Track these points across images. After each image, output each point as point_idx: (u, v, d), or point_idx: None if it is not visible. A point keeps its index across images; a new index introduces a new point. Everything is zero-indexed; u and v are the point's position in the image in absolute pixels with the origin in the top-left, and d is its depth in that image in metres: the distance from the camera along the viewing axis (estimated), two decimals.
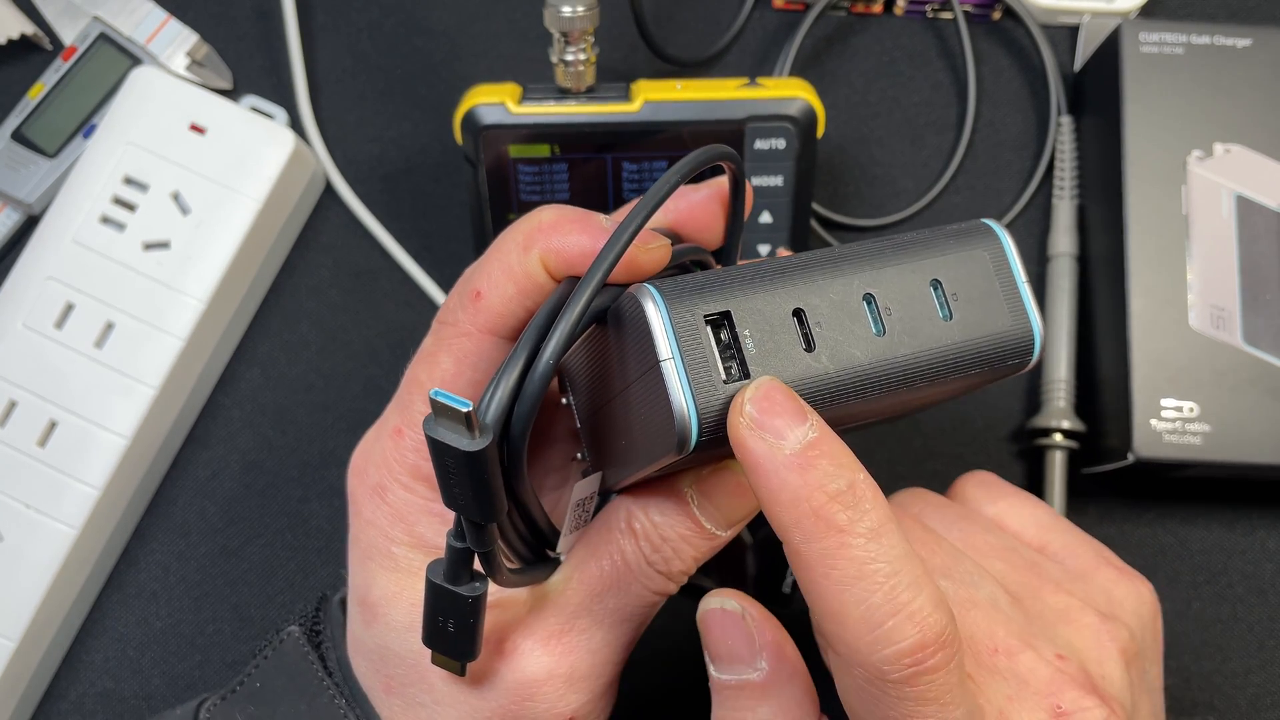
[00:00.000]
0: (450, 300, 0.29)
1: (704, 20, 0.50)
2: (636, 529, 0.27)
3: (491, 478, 0.23)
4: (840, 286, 0.24)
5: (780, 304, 0.24)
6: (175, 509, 0.45)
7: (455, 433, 0.22)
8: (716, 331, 0.23)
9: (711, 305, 0.23)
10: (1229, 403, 0.41)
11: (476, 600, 0.26)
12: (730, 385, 0.23)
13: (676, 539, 0.27)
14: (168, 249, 0.44)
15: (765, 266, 0.24)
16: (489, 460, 0.23)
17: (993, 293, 0.25)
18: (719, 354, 0.23)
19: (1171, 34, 0.44)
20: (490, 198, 0.43)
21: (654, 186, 0.26)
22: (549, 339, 0.24)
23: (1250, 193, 0.43)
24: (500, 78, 0.48)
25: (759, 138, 0.41)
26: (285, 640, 0.31)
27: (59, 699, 0.43)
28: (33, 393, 0.42)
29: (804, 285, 0.24)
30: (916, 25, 0.50)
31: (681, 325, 0.23)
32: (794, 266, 0.24)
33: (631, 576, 0.28)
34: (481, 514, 0.24)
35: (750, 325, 0.24)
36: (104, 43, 0.47)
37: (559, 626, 0.28)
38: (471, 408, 0.22)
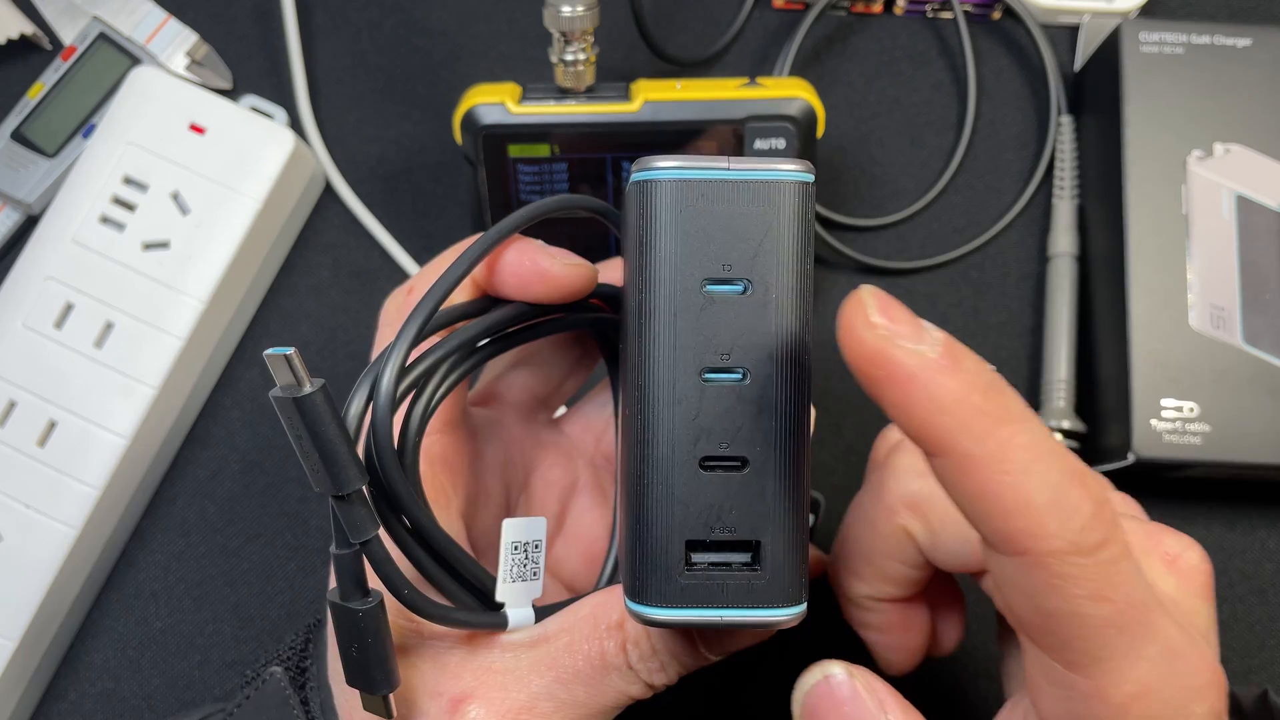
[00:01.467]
0: (386, 302, 0.31)
1: (704, 20, 0.50)
2: (628, 630, 0.26)
3: (329, 429, 0.22)
4: (686, 401, 0.23)
5: (690, 481, 0.22)
6: (175, 509, 0.45)
7: (289, 388, 0.22)
8: (701, 556, 0.23)
9: (672, 559, 0.23)
10: (1229, 403, 0.41)
11: (369, 613, 0.24)
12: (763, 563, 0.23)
13: (667, 654, 0.26)
14: (167, 249, 0.43)
15: (633, 473, 0.23)
16: (320, 406, 0.22)
17: (730, 218, 0.22)
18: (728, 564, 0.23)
19: (1171, 34, 0.44)
20: (490, 198, 0.43)
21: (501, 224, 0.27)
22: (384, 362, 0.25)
23: (1250, 192, 0.43)
24: (500, 78, 0.49)
25: (759, 138, 0.41)
26: (268, 682, 0.30)
27: (59, 699, 0.43)
28: (32, 393, 0.42)
29: (677, 440, 0.22)
30: (916, 25, 0.50)
31: (687, 597, 0.23)
32: (648, 441, 0.23)
33: (609, 676, 0.26)
34: (334, 477, 0.22)
35: (702, 519, 0.23)
36: (104, 42, 0.47)
37: (519, 702, 0.26)
38: (292, 351, 0.21)
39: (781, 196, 0.22)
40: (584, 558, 0.35)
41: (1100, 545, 0.21)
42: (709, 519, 0.22)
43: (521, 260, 0.28)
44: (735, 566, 0.23)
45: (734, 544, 0.23)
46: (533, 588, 0.28)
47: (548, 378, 0.35)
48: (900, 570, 0.30)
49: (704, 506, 0.22)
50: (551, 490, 0.35)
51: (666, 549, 0.22)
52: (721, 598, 0.23)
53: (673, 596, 0.23)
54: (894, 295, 0.21)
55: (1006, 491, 0.20)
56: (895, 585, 0.30)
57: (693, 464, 0.22)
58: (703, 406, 0.22)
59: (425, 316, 0.26)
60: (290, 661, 0.30)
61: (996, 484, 0.20)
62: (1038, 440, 0.21)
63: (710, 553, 0.23)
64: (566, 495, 0.35)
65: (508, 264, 0.28)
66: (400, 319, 0.29)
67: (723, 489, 0.22)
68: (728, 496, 0.22)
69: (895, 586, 0.30)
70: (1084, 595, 0.21)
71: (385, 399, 0.24)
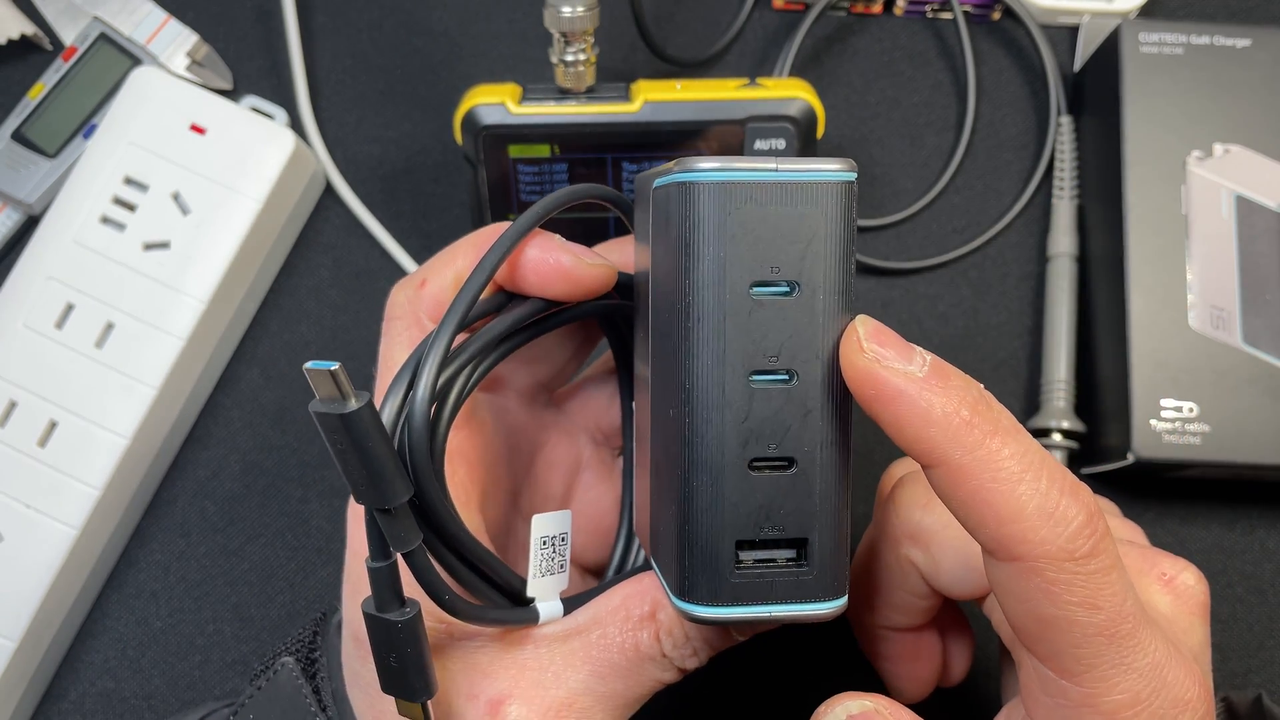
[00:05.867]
0: (396, 289, 0.30)
1: (704, 20, 0.50)
2: (661, 620, 0.27)
3: (376, 445, 0.22)
4: (735, 407, 0.23)
5: (740, 483, 0.23)
6: (175, 509, 0.45)
7: (332, 403, 0.21)
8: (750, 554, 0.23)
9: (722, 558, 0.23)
10: (1229, 403, 0.41)
11: (408, 624, 0.24)
12: (810, 560, 0.23)
13: (700, 640, 0.27)
14: (168, 249, 0.44)
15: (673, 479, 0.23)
16: (367, 422, 0.22)
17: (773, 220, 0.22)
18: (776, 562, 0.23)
19: (1171, 34, 0.44)
20: (490, 198, 0.43)
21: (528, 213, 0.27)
22: (420, 370, 0.25)
23: (1250, 193, 0.43)
24: (500, 78, 0.49)
25: (759, 138, 0.41)
26: (280, 672, 0.30)
27: (59, 699, 0.43)
28: (33, 393, 0.42)
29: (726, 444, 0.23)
30: (916, 25, 0.50)
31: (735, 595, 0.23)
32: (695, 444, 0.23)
33: (643, 666, 0.27)
34: (380, 491, 0.22)
35: (750, 521, 0.23)
36: (104, 43, 0.47)
37: (558, 700, 0.27)
38: (337, 366, 0.21)
39: (827, 197, 0.22)
40: (591, 533, 0.35)
41: (1091, 554, 0.21)
42: (758, 519, 0.23)
43: (544, 258, 0.28)
44: (782, 563, 0.23)
45: (782, 541, 0.23)
46: (560, 580, 0.28)
47: (552, 362, 0.35)
48: (908, 600, 0.30)
49: (754, 507, 0.23)
50: (556, 471, 0.35)
51: (717, 550, 0.23)
52: (770, 594, 0.23)
53: (723, 595, 0.23)
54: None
55: (998, 499, 0.21)
56: (904, 615, 0.31)
57: (742, 465, 0.23)
58: (752, 409, 0.22)
59: (462, 317, 0.26)
60: (300, 653, 0.30)
61: (988, 492, 0.21)
62: (1027, 451, 0.22)
63: (759, 550, 0.23)
64: (571, 474, 0.36)
65: (530, 261, 0.28)
66: (412, 312, 0.29)
67: (772, 489, 0.23)
68: (776, 496, 0.23)
69: (904, 616, 0.31)
70: (1075, 602, 0.22)
71: (422, 405, 0.24)
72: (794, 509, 0.23)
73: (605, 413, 0.36)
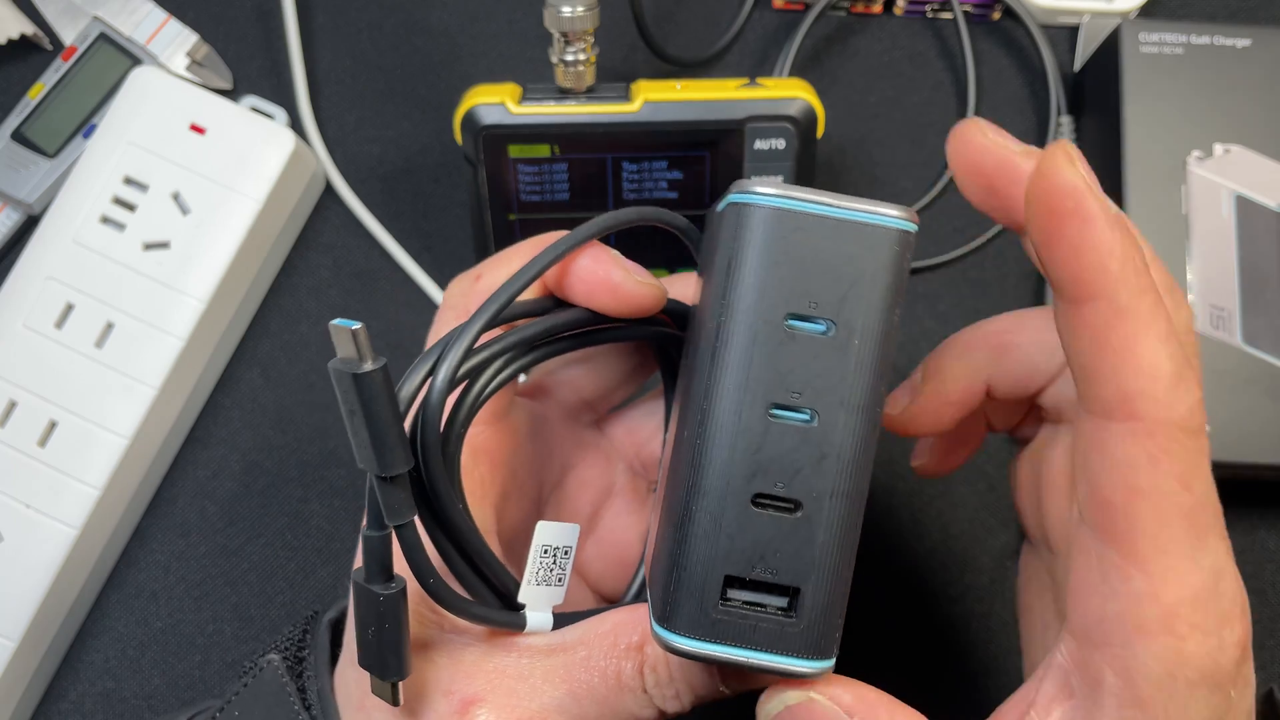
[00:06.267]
0: (453, 282, 0.30)
1: (704, 20, 0.50)
2: (648, 653, 0.26)
3: (383, 410, 0.22)
4: (748, 436, 0.22)
5: (740, 515, 0.22)
6: (175, 509, 0.45)
7: (349, 363, 0.22)
8: (739, 593, 0.22)
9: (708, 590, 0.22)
10: (1229, 403, 0.41)
11: (392, 599, 0.24)
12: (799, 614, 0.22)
13: (684, 683, 0.26)
14: (168, 249, 0.44)
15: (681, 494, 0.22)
16: (378, 386, 0.22)
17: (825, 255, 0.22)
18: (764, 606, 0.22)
19: (1171, 34, 0.44)
20: (490, 198, 0.43)
21: (584, 227, 0.27)
22: (448, 350, 0.25)
23: (1250, 193, 0.43)
24: (500, 78, 0.49)
25: (759, 138, 0.41)
26: (264, 669, 0.30)
27: (59, 699, 0.43)
28: (33, 393, 0.42)
29: (731, 475, 0.22)
30: (916, 25, 0.50)
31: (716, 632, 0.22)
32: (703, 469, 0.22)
33: (622, 696, 0.26)
34: (380, 457, 0.22)
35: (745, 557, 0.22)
36: (104, 43, 0.47)
37: (529, 713, 0.26)
38: (360, 326, 0.21)
39: (880, 241, 0.22)
40: (613, 561, 0.35)
41: (1200, 430, 0.22)
42: (752, 557, 0.22)
43: (595, 269, 0.28)
44: (770, 609, 0.22)
45: (774, 586, 0.22)
46: (555, 593, 0.28)
47: (600, 382, 0.34)
48: (961, 383, 0.31)
49: (749, 543, 0.22)
50: (586, 491, 0.35)
51: (705, 580, 0.22)
52: (751, 638, 0.22)
53: (702, 628, 0.22)
54: None
55: (1144, 350, 0.21)
56: (954, 392, 0.31)
57: (745, 498, 0.22)
58: (765, 442, 0.22)
59: (495, 311, 0.25)
60: (288, 651, 0.30)
61: (1138, 340, 0.21)
62: (1177, 320, 0.22)
63: (748, 591, 0.22)
64: (601, 498, 0.35)
65: (579, 270, 0.28)
66: (464, 303, 0.29)
67: (772, 529, 0.22)
68: (776, 537, 0.22)
69: (954, 392, 0.31)
70: (1174, 474, 0.22)
71: (441, 387, 0.24)
72: (792, 555, 0.22)
73: (648, 443, 0.35)
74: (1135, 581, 0.22)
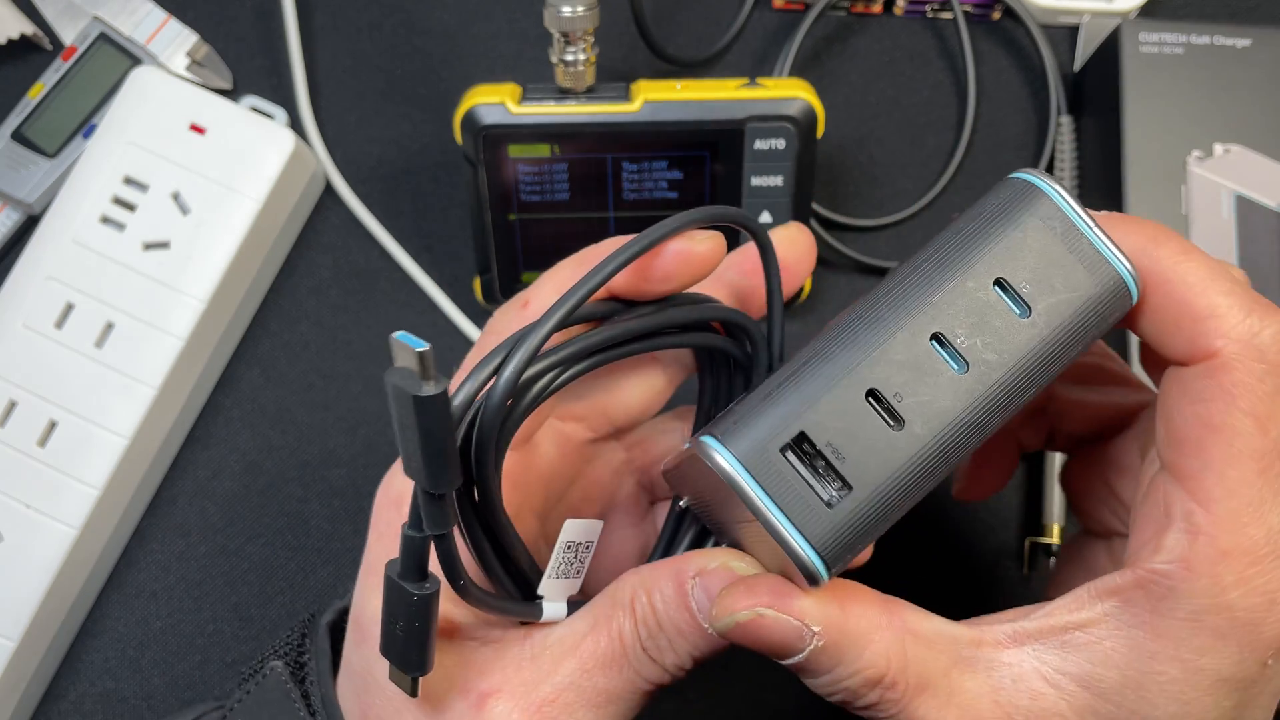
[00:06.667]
0: (498, 311, 0.30)
1: (704, 20, 0.50)
2: (637, 610, 0.26)
3: (442, 433, 0.22)
4: (902, 342, 0.23)
5: (849, 396, 0.23)
6: (175, 509, 0.45)
7: (409, 378, 0.21)
8: (800, 458, 0.23)
9: (780, 434, 0.23)
10: None
11: (424, 600, 0.24)
12: (836, 508, 0.22)
13: (672, 629, 0.26)
14: (168, 249, 0.43)
15: (811, 357, 0.23)
16: (438, 410, 0.21)
17: (1062, 259, 0.23)
18: (812, 482, 0.23)
19: (1171, 34, 0.44)
20: (490, 198, 0.43)
21: (661, 224, 0.26)
22: (513, 352, 0.24)
23: (1250, 193, 0.43)
24: (500, 78, 0.49)
25: (759, 138, 0.41)
26: (268, 676, 0.30)
27: (59, 699, 0.43)
28: (33, 393, 0.42)
29: (863, 360, 0.23)
30: (916, 25, 0.50)
31: (762, 471, 0.22)
32: (842, 344, 0.23)
33: (626, 659, 0.26)
34: (430, 476, 0.22)
35: (829, 433, 0.22)
36: (104, 43, 0.47)
37: (544, 695, 0.26)
38: (427, 348, 0.21)
39: (1103, 279, 0.23)
40: (609, 574, 0.35)
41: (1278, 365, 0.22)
42: (833, 437, 0.23)
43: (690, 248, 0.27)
44: (816, 488, 0.23)
45: (834, 471, 0.23)
46: (573, 585, 0.29)
47: (625, 402, 0.34)
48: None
49: (840, 426, 0.23)
50: (590, 502, 0.35)
51: (783, 425, 0.23)
52: (781, 498, 0.22)
53: (750, 461, 0.23)
54: None
55: (1197, 298, 0.23)
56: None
57: (862, 388, 0.23)
58: (910, 358, 0.23)
59: (567, 312, 0.25)
60: (289, 656, 0.30)
61: (1187, 292, 0.23)
62: (1224, 269, 0.23)
63: (808, 461, 0.23)
64: (604, 509, 0.35)
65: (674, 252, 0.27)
66: (507, 332, 0.27)
67: (864, 426, 0.23)
68: (863, 435, 0.23)
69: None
70: (1250, 411, 0.22)
71: (504, 389, 0.24)
72: (866, 457, 0.22)
73: (660, 458, 0.35)
74: (1196, 517, 0.22)
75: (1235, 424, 0.22)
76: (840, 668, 0.24)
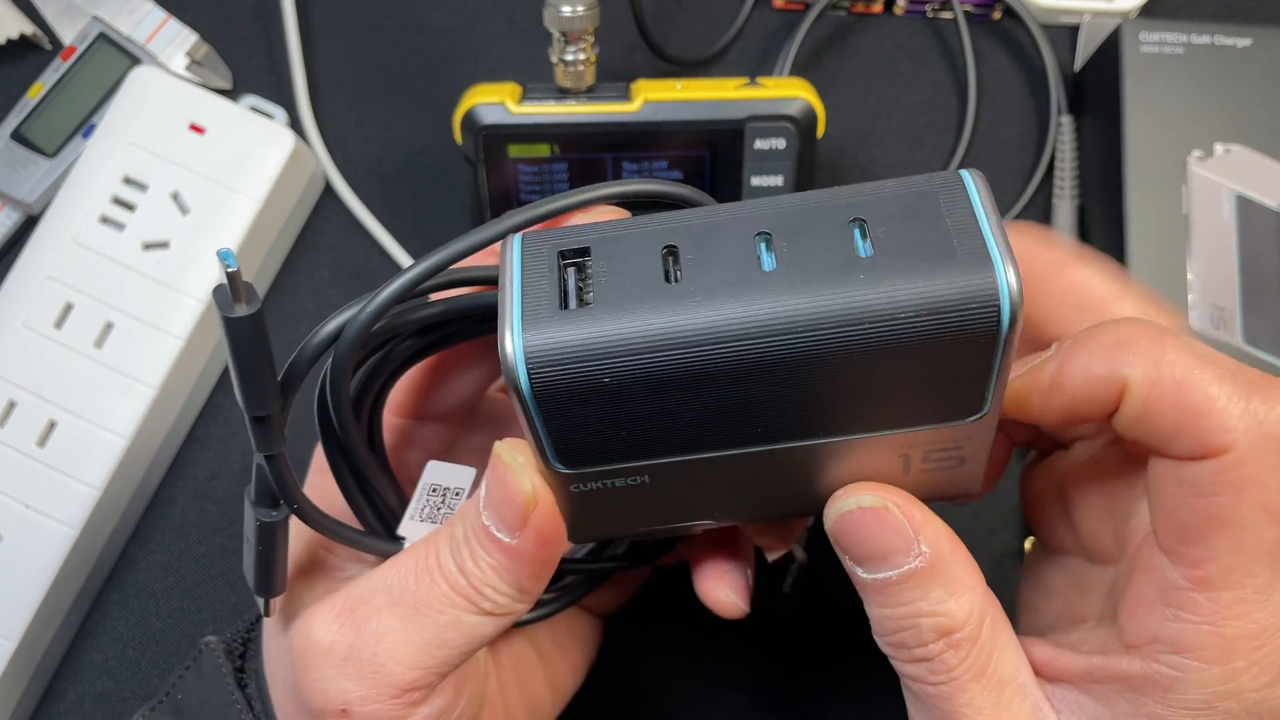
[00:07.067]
0: None
1: (704, 20, 0.50)
2: (455, 522, 0.25)
3: (255, 355, 0.22)
4: (731, 224, 0.20)
5: (650, 241, 0.21)
6: (175, 509, 0.45)
7: (225, 299, 0.21)
8: (572, 270, 0.21)
9: (572, 244, 0.21)
10: None
11: (268, 526, 0.25)
12: (569, 315, 0.20)
13: (470, 535, 0.25)
14: (167, 249, 0.43)
15: (669, 214, 0.21)
16: (248, 331, 0.22)
17: (940, 233, 0.19)
18: (566, 285, 0.21)
19: (1172, 34, 0.44)
20: (490, 198, 0.43)
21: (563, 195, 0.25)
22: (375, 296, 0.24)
23: (1251, 192, 0.43)
24: (500, 78, 0.48)
25: (759, 137, 0.41)
26: (204, 652, 0.30)
27: (59, 699, 0.43)
28: (32, 393, 0.42)
29: (689, 223, 0.21)
30: (916, 25, 0.50)
31: (531, 257, 0.21)
32: (696, 213, 0.21)
33: (438, 568, 0.25)
34: (245, 396, 0.23)
35: (608, 260, 0.21)
36: (103, 42, 0.47)
37: (354, 599, 0.25)
38: (237, 269, 0.21)
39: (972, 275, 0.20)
40: None
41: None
42: (610, 265, 0.21)
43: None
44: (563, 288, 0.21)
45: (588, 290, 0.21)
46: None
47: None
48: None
49: (622, 257, 0.21)
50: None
51: (581, 236, 0.22)
52: (530, 281, 0.21)
53: (528, 241, 0.22)
54: None
55: (1196, 382, 0.22)
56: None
57: (664, 241, 0.21)
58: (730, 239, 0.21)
59: (429, 268, 0.24)
60: (237, 635, 0.31)
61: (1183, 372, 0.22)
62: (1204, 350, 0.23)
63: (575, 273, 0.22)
64: None
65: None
66: None
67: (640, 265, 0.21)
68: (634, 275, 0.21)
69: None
70: (1261, 505, 0.21)
71: (353, 334, 0.25)
72: (624, 296, 0.21)
73: None
74: (1201, 607, 0.22)
75: (1246, 519, 0.21)
76: (924, 603, 0.23)
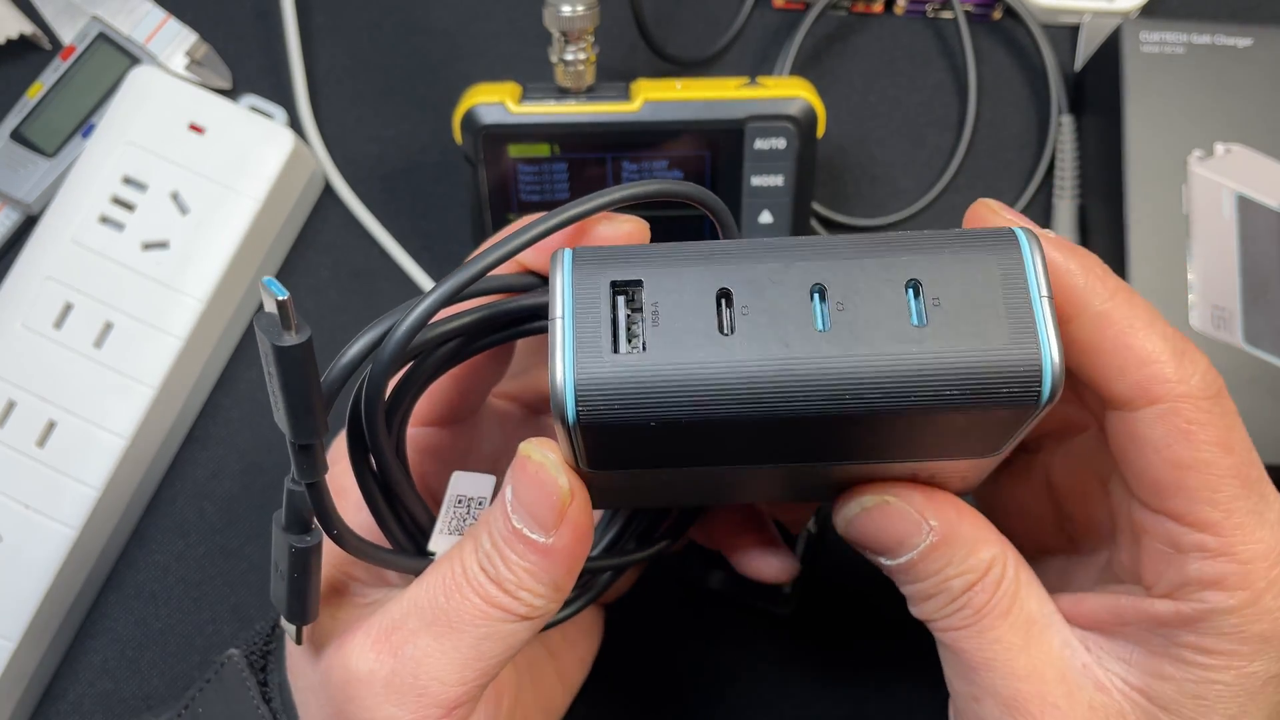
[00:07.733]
0: None
1: (704, 20, 0.50)
2: (479, 531, 0.25)
3: (304, 383, 0.22)
4: (786, 272, 0.21)
5: (705, 281, 0.21)
6: (175, 509, 0.45)
7: (273, 327, 0.21)
8: (622, 299, 0.21)
9: (625, 272, 0.21)
10: None
11: (302, 552, 0.24)
12: (622, 358, 0.20)
13: (500, 541, 0.25)
14: (167, 249, 0.43)
15: (720, 245, 0.21)
16: (298, 360, 0.21)
17: (992, 306, 0.20)
18: (617, 323, 0.20)
19: (1172, 34, 0.44)
20: (490, 198, 0.42)
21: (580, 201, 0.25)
22: (412, 310, 0.24)
23: (1251, 192, 0.43)
24: (500, 77, 0.48)
25: (759, 137, 0.41)
26: (226, 665, 0.30)
27: (59, 699, 0.43)
28: (32, 393, 0.42)
29: (743, 266, 0.21)
30: (917, 25, 0.50)
31: (584, 286, 0.21)
32: (748, 248, 0.21)
33: (467, 581, 0.25)
34: (292, 424, 0.22)
35: (663, 297, 0.21)
36: (103, 42, 0.47)
37: (388, 625, 0.26)
38: (286, 296, 0.20)
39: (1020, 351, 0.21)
40: None
41: (1220, 394, 0.23)
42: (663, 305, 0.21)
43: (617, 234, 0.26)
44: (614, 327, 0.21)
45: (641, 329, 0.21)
46: None
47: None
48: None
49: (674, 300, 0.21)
50: None
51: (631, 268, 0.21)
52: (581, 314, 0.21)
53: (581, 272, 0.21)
54: None
55: (1137, 340, 0.23)
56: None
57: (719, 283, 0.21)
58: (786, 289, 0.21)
59: (457, 285, 0.24)
60: (254, 645, 0.31)
61: (1129, 335, 0.23)
62: (1149, 305, 0.24)
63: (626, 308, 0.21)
64: None
65: (597, 236, 0.27)
66: None
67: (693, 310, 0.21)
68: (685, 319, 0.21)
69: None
70: (1211, 442, 0.23)
71: (387, 357, 0.24)
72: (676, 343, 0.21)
73: None
74: (1209, 543, 0.23)
75: (1203, 456, 0.23)
76: (949, 567, 0.25)
